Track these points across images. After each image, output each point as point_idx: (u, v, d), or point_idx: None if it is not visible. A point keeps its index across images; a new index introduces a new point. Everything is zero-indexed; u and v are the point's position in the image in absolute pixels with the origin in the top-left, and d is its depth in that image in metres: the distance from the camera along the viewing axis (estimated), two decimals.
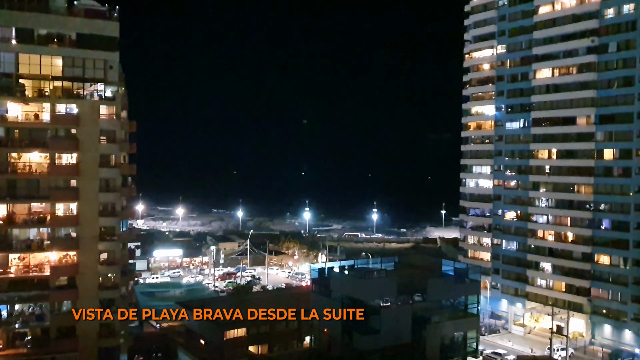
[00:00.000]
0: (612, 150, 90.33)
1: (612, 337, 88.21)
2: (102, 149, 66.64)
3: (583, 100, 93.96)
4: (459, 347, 67.17)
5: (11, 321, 63.98)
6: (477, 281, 70.03)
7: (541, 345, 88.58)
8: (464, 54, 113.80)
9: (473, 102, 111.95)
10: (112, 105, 67.37)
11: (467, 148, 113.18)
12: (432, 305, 65.20)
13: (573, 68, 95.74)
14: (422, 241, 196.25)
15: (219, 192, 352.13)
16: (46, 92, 65.06)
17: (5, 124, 63.96)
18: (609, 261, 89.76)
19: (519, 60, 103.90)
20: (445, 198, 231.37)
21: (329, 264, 71.99)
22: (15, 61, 63.45)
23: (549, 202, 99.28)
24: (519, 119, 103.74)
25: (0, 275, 63.31)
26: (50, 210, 64.93)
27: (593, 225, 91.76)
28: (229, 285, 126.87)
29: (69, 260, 65.95)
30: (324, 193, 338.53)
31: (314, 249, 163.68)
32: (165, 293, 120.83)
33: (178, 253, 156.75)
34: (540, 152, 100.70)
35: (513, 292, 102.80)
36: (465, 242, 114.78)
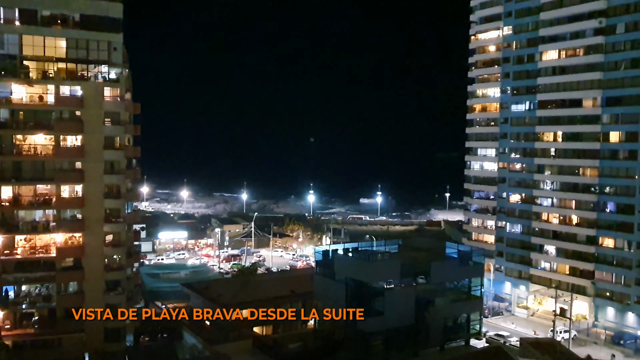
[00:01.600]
0: (618, 133, 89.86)
1: (615, 319, 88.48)
2: (106, 131, 66.62)
3: (590, 82, 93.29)
4: (462, 329, 67.52)
5: (18, 302, 64.53)
6: (480, 264, 70.13)
7: (544, 328, 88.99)
8: (470, 36, 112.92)
9: (478, 84, 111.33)
10: (116, 87, 67.24)
11: (472, 130, 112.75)
12: (435, 288, 65.41)
13: (580, 50, 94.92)
14: (426, 224, 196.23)
15: (223, 174, 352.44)
16: (50, 74, 64.92)
17: (10, 106, 63.99)
18: (613, 244, 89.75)
19: (525, 41, 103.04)
20: (449, 181, 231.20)
21: (333, 247, 72.21)
22: (19, 43, 63.31)
23: (553, 184, 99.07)
24: (525, 101, 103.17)
25: (7, 256, 63.75)
26: (56, 192, 65.16)
27: (598, 208, 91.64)
28: (234, 267, 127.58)
29: (74, 242, 66.36)
30: (329, 176, 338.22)
31: (318, 231, 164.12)
32: (170, 274, 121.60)
33: (183, 235, 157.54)
34: (545, 135, 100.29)
35: (517, 274, 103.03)
36: (469, 224, 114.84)
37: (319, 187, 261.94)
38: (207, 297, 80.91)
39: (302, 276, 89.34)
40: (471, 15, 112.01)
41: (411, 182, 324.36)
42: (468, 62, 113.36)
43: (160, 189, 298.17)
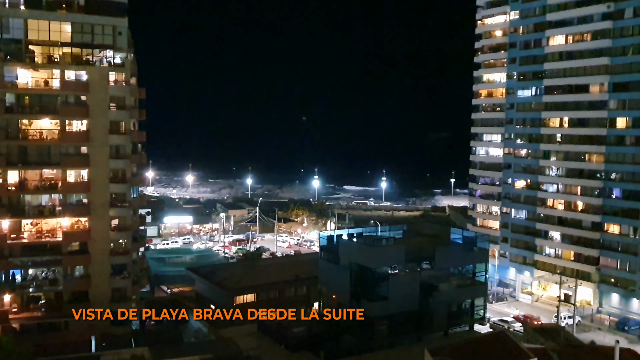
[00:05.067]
0: (625, 119, 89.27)
1: (619, 305, 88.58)
2: (111, 115, 66.73)
3: (597, 67, 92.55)
4: (466, 315, 67.90)
5: (25, 285, 65.13)
6: (485, 249, 70.32)
7: (548, 314, 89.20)
8: (476, 20, 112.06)
9: (484, 69, 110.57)
10: (121, 72, 67.22)
11: (477, 116, 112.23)
12: (440, 273, 65.69)
13: (587, 35, 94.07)
14: (431, 209, 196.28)
15: (229, 159, 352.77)
16: (55, 59, 64.91)
17: (15, 91, 64.08)
18: (618, 230, 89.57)
19: (532, 26, 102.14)
20: (454, 166, 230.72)
21: (338, 232, 72.39)
22: (24, 27, 63.30)
23: (559, 170, 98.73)
24: (531, 86, 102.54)
25: (14, 240, 64.16)
26: (62, 176, 65.41)
27: (603, 194, 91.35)
28: (239, 252, 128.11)
29: (80, 226, 66.74)
30: (334, 161, 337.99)
31: (323, 216, 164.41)
32: (175, 259, 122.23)
33: (188, 220, 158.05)
34: (551, 121, 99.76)
35: (521, 260, 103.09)
36: (474, 210, 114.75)
37: (324, 172, 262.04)
38: (212, 282, 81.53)
39: (306, 261, 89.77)
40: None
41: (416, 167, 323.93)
42: (474, 46, 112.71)
43: (166, 174, 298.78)
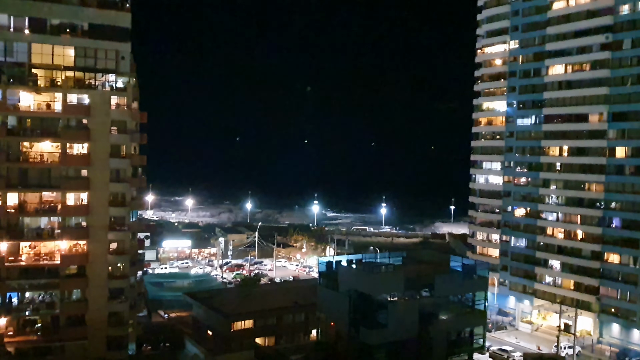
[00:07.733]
0: (624, 148, 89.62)
1: (620, 336, 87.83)
2: (113, 139, 66.99)
3: (596, 97, 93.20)
4: (466, 343, 67.20)
5: (22, 308, 64.65)
6: (485, 277, 69.90)
7: (548, 343, 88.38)
8: (476, 49, 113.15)
9: (484, 97, 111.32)
10: (123, 96, 67.68)
11: (477, 144, 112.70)
12: (439, 301, 65.14)
13: (586, 65, 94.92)
14: (430, 236, 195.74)
15: (228, 183, 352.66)
16: (58, 82, 65.40)
17: (17, 113, 64.44)
18: (618, 260, 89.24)
19: (531, 56, 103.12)
20: (454, 194, 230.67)
21: (337, 258, 72.03)
22: (28, 51, 63.98)
23: (559, 199, 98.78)
24: (531, 115, 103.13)
25: (12, 263, 63.90)
26: (61, 199, 65.45)
27: (603, 224, 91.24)
28: (237, 277, 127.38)
29: (79, 249, 66.52)
30: (333, 187, 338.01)
31: (322, 242, 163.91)
32: (173, 283, 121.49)
33: (187, 244, 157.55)
34: (551, 149, 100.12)
35: (521, 289, 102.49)
36: (474, 238, 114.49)
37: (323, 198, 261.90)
38: (210, 307, 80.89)
39: (305, 287, 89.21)
40: (478, 29, 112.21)
41: (416, 194, 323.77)
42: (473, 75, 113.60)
43: (166, 198, 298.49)
